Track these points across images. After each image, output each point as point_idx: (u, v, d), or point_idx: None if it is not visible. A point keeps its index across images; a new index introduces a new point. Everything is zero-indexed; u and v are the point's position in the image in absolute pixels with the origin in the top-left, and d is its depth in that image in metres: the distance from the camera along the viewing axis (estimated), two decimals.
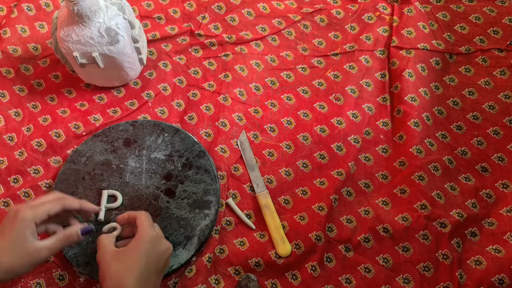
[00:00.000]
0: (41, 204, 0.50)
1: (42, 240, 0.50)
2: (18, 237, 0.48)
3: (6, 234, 0.47)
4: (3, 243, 0.47)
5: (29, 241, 0.48)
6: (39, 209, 0.50)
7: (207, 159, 0.66)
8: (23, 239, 0.48)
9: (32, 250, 0.48)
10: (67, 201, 0.53)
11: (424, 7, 0.77)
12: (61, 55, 0.67)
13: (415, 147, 0.65)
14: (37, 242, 0.49)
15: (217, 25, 0.78)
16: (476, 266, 0.60)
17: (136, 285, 0.47)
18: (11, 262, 0.47)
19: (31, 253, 0.48)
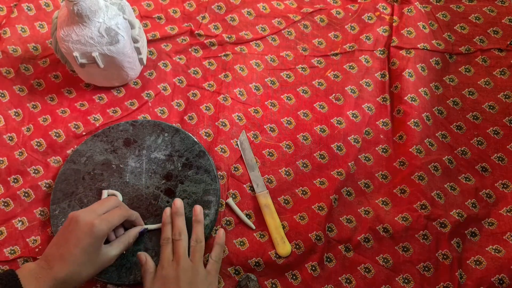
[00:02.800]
0: (111, 215, 0.53)
1: (111, 248, 0.54)
2: (94, 250, 0.51)
3: (86, 250, 0.50)
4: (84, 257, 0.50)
5: (103, 252, 0.52)
6: (112, 222, 0.53)
7: (207, 159, 0.66)
8: (98, 251, 0.52)
9: (106, 260, 0.53)
10: (128, 213, 0.57)
11: (424, 7, 0.77)
12: (61, 55, 0.67)
13: (415, 147, 0.66)
14: (108, 252, 0.53)
15: (217, 25, 0.78)
16: (476, 266, 0.60)
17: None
18: (89, 274, 0.51)
19: (105, 262, 0.53)
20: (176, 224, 0.59)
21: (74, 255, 0.49)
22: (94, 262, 0.51)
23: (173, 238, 0.58)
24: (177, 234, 0.57)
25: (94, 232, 0.50)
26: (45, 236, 0.63)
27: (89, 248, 0.50)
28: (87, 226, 0.50)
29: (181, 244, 0.57)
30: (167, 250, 0.57)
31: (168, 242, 0.57)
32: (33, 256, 0.61)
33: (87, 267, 0.50)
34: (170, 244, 0.57)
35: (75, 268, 0.49)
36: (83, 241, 0.50)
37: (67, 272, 0.49)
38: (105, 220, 0.52)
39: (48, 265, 0.49)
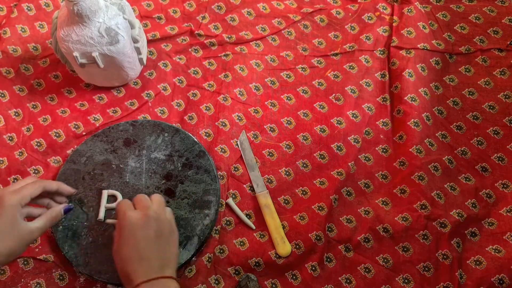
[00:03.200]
0: (23, 188, 0.53)
1: (32, 222, 0.52)
2: (9, 222, 0.50)
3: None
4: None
5: (21, 224, 0.51)
6: (23, 192, 0.52)
7: (207, 159, 0.65)
8: (14, 223, 0.50)
9: (25, 232, 0.51)
10: (46, 183, 0.56)
11: (424, 7, 0.77)
12: (61, 55, 0.67)
13: (415, 147, 0.65)
14: (27, 224, 0.52)
15: (217, 25, 0.78)
16: (476, 266, 0.60)
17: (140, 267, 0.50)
18: (8, 246, 0.50)
19: (25, 235, 0.51)
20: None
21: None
22: (11, 235, 0.50)
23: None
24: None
25: (4, 202, 0.50)
26: (44, 236, 0.63)
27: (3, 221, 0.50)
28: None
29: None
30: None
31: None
32: (33, 256, 0.61)
33: (2, 238, 0.50)
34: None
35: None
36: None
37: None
38: (15, 192, 0.52)
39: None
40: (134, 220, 0.52)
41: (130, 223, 0.52)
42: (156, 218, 0.53)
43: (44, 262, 0.61)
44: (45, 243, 0.62)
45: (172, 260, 0.53)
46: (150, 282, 0.49)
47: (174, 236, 0.55)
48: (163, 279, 0.50)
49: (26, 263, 0.61)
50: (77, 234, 0.61)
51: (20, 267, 0.61)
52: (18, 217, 0.51)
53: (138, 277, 0.49)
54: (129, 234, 0.52)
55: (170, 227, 0.55)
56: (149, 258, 0.51)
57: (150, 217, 0.53)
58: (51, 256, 0.61)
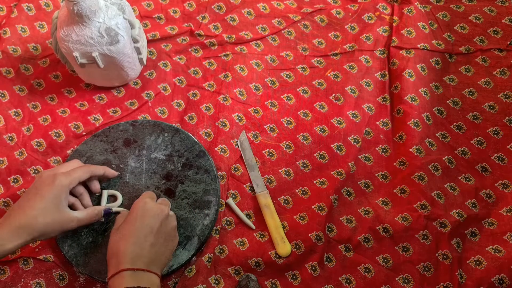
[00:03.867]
0: (72, 171, 0.55)
1: (74, 211, 0.55)
2: (55, 201, 0.52)
3: (44, 197, 0.51)
4: (41, 203, 0.51)
5: (64, 208, 0.53)
6: (73, 175, 0.54)
7: (207, 159, 0.66)
8: (58, 204, 0.52)
9: (65, 217, 0.53)
10: (94, 168, 0.59)
11: (424, 7, 0.77)
12: (61, 55, 0.67)
13: (415, 147, 0.65)
14: (69, 211, 0.54)
15: (217, 25, 0.78)
16: (476, 266, 0.60)
17: (131, 249, 0.50)
18: (45, 224, 0.51)
19: (64, 219, 0.53)
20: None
21: (31, 201, 0.51)
22: (52, 212, 0.51)
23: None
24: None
25: (55, 181, 0.52)
26: None
27: (48, 196, 0.51)
28: (49, 177, 0.53)
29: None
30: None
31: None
32: (33, 256, 0.61)
33: (44, 214, 0.51)
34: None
35: (31, 212, 0.50)
36: (42, 189, 0.52)
37: (22, 217, 0.50)
38: (66, 173, 0.54)
39: (8, 214, 0.51)
40: (148, 206, 0.54)
41: (144, 207, 0.54)
42: (167, 216, 0.55)
43: (44, 262, 0.61)
44: (45, 243, 0.62)
45: (161, 262, 0.54)
46: (135, 271, 0.49)
47: (173, 243, 0.56)
48: (148, 273, 0.50)
49: (26, 263, 0.61)
50: (77, 234, 0.61)
51: (20, 267, 0.61)
52: (63, 199, 0.53)
53: (126, 261, 0.49)
54: (138, 216, 0.53)
55: (174, 233, 0.57)
56: (143, 247, 0.51)
57: (163, 212, 0.55)
58: (51, 256, 0.61)
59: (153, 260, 0.52)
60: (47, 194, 0.51)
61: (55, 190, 0.52)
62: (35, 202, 0.51)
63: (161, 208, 0.55)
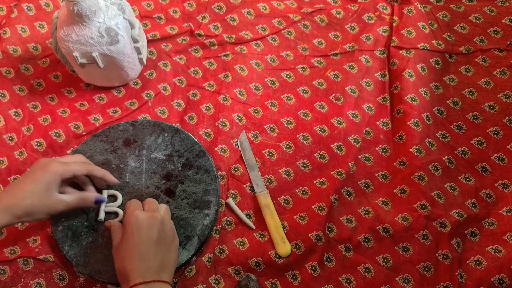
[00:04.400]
0: (70, 163, 0.56)
1: (63, 195, 0.55)
2: (45, 186, 0.53)
3: (35, 180, 0.53)
4: (31, 186, 0.53)
5: (52, 191, 0.54)
6: (68, 167, 0.55)
7: (207, 159, 0.65)
8: (48, 188, 0.53)
9: (53, 200, 0.54)
10: (93, 167, 0.59)
11: (424, 7, 0.77)
12: (61, 55, 0.67)
13: (415, 147, 0.66)
14: (58, 195, 0.55)
15: (217, 25, 0.78)
16: (476, 266, 0.60)
17: (138, 265, 0.50)
18: (32, 205, 0.52)
19: (51, 201, 0.54)
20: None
21: (21, 183, 0.53)
22: (41, 196, 0.53)
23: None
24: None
25: (49, 167, 0.53)
26: (44, 236, 0.63)
27: (39, 180, 0.53)
28: (45, 163, 0.54)
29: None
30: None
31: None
32: (33, 256, 0.61)
33: (31, 196, 0.52)
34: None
35: (20, 193, 0.52)
36: (35, 173, 0.53)
37: (10, 198, 0.52)
38: (62, 163, 0.55)
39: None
40: (140, 220, 0.53)
41: (137, 221, 0.53)
42: (161, 221, 0.54)
43: (44, 262, 0.61)
44: (45, 243, 0.62)
45: (170, 266, 0.54)
46: (146, 284, 0.49)
47: (175, 243, 0.56)
48: (159, 283, 0.50)
49: (26, 263, 0.61)
50: (77, 234, 0.61)
51: (20, 267, 0.61)
52: (53, 185, 0.53)
53: (136, 277, 0.49)
54: (134, 232, 0.52)
55: (173, 234, 0.56)
56: (148, 259, 0.51)
57: (156, 219, 0.54)
58: (51, 256, 0.61)
59: (161, 267, 0.52)
60: (39, 178, 0.53)
61: (48, 175, 0.53)
62: (25, 184, 0.53)
63: (153, 216, 0.54)
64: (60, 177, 0.54)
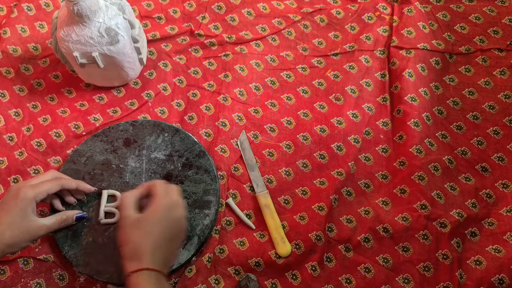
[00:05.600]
0: (41, 184, 0.55)
1: (42, 218, 0.55)
2: (20, 214, 0.52)
3: (10, 211, 0.52)
4: (7, 218, 0.52)
5: (31, 218, 0.53)
6: (40, 188, 0.54)
7: (207, 159, 0.65)
8: (24, 216, 0.52)
9: (33, 227, 0.53)
10: (65, 181, 0.58)
11: (424, 7, 0.77)
12: (61, 55, 0.67)
13: (415, 147, 0.66)
14: (37, 220, 0.54)
15: (217, 25, 0.78)
16: (476, 266, 0.60)
17: (152, 251, 0.50)
18: (13, 236, 0.51)
19: (32, 229, 0.53)
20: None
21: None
22: (19, 226, 0.52)
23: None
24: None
25: (19, 195, 0.52)
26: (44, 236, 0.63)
27: (13, 210, 0.52)
28: (14, 191, 0.53)
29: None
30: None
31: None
32: (33, 256, 0.61)
33: (11, 228, 0.51)
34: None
35: (0, 229, 0.51)
36: (8, 204, 0.53)
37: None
38: (32, 186, 0.54)
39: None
40: (180, 213, 0.54)
41: (175, 211, 0.53)
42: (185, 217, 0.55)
43: (44, 262, 0.61)
44: (45, 243, 0.62)
45: (172, 261, 0.54)
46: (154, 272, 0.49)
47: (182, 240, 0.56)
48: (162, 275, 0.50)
49: (26, 263, 0.61)
50: (77, 234, 0.61)
51: (20, 267, 0.61)
52: (29, 211, 0.53)
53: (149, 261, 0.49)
54: (168, 219, 0.52)
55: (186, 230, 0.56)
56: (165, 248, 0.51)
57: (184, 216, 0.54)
58: (51, 256, 0.61)
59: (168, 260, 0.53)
60: (13, 208, 0.52)
61: (21, 203, 0.52)
62: (1, 217, 0.52)
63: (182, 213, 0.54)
64: (34, 201, 0.53)
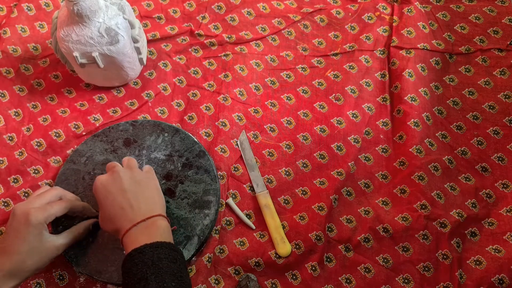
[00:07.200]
0: (49, 206, 0.54)
1: (57, 237, 0.54)
2: (36, 239, 0.51)
3: (25, 239, 0.51)
4: (24, 246, 0.51)
5: (48, 240, 0.53)
6: (49, 211, 0.53)
7: (207, 159, 0.65)
8: (40, 240, 0.52)
9: (52, 249, 0.53)
10: (73, 204, 0.57)
11: (424, 7, 0.77)
12: (61, 55, 0.67)
13: (415, 147, 0.65)
14: (53, 239, 0.54)
15: (217, 25, 0.78)
16: (476, 266, 0.60)
17: (126, 217, 0.52)
18: (34, 263, 0.51)
19: (50, 251, 0.53)
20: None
21: (14, 245, 0.51)
22: (38, 251, 0.52)
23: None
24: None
25: (30, 220, 0.51)
26: None
27: (28, 237, 0.51)
28: (23, 216, 0.52)
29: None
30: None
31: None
32: None
33: (30, 256, 0.51)
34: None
35: (17, 257, 0.50)
36: (21, 231, 0.51)
37: (11, 263, 0.50)
38: (41, 209, 0.53)
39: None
40: (104, 181, 0.55)
41: (102, 184, 0.54)
42: (124, 171, 0.55)
43: None
44: None
45: (157, 202, 0.55)
46: (136, 226, 0.50)
47: (152, 182, 0.57)
48: (150, 219, 0.51)
49: None
50: None
51: None
52: (44, 233, 0.52)
53: (126, 226, 0.51)
54: (105, 194, 0.54)
55: (146, 175, 0.57)
56: (130, 205, 0.52)
57: (117, 172, 0.55)
58: None
59: (148, 206, 0.53)
60: (28, 236, 0.51)
61: (34, 230, 0.51)
62: (19, 246, 0.51)
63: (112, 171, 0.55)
64: (45, 223, 0.53)
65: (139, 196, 0.53)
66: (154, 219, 0.52)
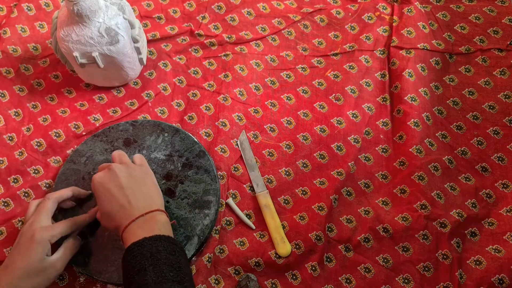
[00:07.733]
0: (56, 227, 0.54)
1: (54, 254, 0.54)
2: (36, 258, 0.52)
3: (25, 256, 0.51)
4: (23, 263, 0.51)
5: (45, 260, 0.52)
6: (54, 231, 0.54)
7: (207, 159, 0.65)
8: (40, 259, 0.52)
9: (49, 267, 0.53)
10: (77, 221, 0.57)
11: (424, 7, 0.77)
12: (61, 55, 0.67)
13: (415, 147, 0.66)
14: (51, 258, 0.53)
15: (217, 25, 0.78)
16: (476, 266, 0.60)
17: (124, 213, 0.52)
18: (37, 283, 0.51)
19: (48, 269, 0.53)
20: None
21: (16, 262, 0.51)
22: (39, 271, 0.52)
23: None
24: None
25: (35, 238, 0.52)
26: None
27: (30, 253, 0.51)
28: (29, 233, 0.53)
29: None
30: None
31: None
32: None
33: (32, 277, 0.51)
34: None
35: (17, 275, 0.50)
36: (25, 247, 0.52)
37: (10, 280, 0.50)
38: (47, 229, 0.53)
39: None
40: (101, 178, 0.55)
41: (99, 182, 0.54)
42: (120, 167, 0.55)
43: None
44: None
45: (154, 197, 0.55)
46: (134, 222, 0.51)
47: (149, 177, 0.57)
48: (148, 214, 0.52)
49: None
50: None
51: None
52: (44, 253, 0.53)
53: (125, 222, 0.51)
54: (103, 192, 0.54)
55: (142, 171, 0.57)
56: (128, 201, 0.52)
57: (113, 169, 0.55)
58: None
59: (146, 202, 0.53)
60: (27, 253, 0.51)
61: (36, 248, 0.52)
62: (18, 264, 0.51)
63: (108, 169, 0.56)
64: (49, 243, 0.53)
65: (136, 192, 0.54)
66: (153, 213, 0.52)
